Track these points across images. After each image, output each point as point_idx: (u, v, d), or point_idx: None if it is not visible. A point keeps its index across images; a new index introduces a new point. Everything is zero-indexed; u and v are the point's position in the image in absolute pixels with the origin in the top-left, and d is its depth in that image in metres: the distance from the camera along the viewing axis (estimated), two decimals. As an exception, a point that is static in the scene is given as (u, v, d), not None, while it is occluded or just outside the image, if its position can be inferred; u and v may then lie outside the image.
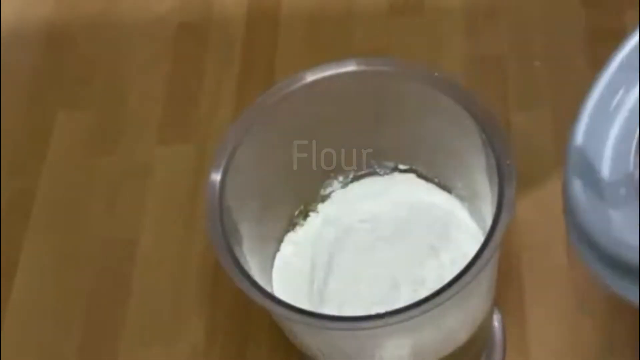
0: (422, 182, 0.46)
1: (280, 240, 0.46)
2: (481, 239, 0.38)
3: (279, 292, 0.43)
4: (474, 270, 0.36)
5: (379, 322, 0.36)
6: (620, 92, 0.32)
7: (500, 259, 0.42)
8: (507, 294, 0.51)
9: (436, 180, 0.46)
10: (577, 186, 0.31)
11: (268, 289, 0.39)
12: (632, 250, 0.28)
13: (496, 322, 0.50)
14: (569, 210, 0.31)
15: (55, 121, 0.62)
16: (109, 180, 0.59)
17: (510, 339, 0.50)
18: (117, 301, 0.54)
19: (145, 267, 0.55)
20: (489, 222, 0.38)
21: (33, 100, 0.64)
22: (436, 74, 0.42)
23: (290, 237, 0.46)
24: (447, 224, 0.45)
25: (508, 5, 0.62)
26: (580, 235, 0.30)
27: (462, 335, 0.42)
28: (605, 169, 0.31)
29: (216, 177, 0.40)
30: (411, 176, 0.47)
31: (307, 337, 0.41)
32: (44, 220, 0.58)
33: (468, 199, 0.45)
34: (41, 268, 0.56)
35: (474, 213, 0.45)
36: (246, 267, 0.39)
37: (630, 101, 0.32)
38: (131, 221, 0.57)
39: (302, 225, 0.46)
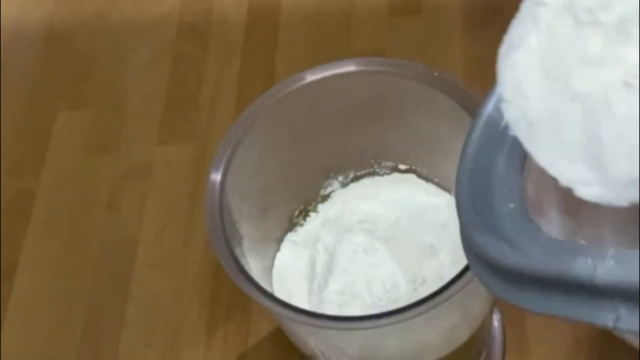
0: (422, 182, 0.46)
1: (280, 240, 0.46)
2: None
3: (279, 292, 0.43)
4: (471, 272, 0.36)
5: (378, 322, 0.36)
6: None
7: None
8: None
9: (436, 180, 0.46)
10: (467, 202, 0.31)
11: (268, 289, 0.39)
12: (525, 261, 0.28)
13: (496, 322, 0.50)
14: (460, 226, 0.31)
15: (55, 121, 0.62)
16: (109, 180, 0.59)
17: (510, 338, 0.50)
18: (117, 301, 0.54)
19: (145, 267, 0.55)
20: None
21: (33, 100, 0.64)
22: (436, 73, 0.42)
23: (290, 237, 0.46)
24: (447, 224, 0.45)
25: (508, 5, 0.62)
26: (471, 251, 0.31)
27: (462, 335, 0.42)
28: (496, 187, 0.31)
29: (216, 177, 0.40)
30: (411, 176, 0.47)
31: (307, 336, 0.41)
32: (44, 220, 0.58)
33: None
34: (41, 268, 0.56)
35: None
36: (246, 267, 0.39)
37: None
38: (131, 221, 0.57)
39: (302, 225, 0.46)
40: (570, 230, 0.31)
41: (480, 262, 0.30)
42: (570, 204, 0.30)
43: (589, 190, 0.28)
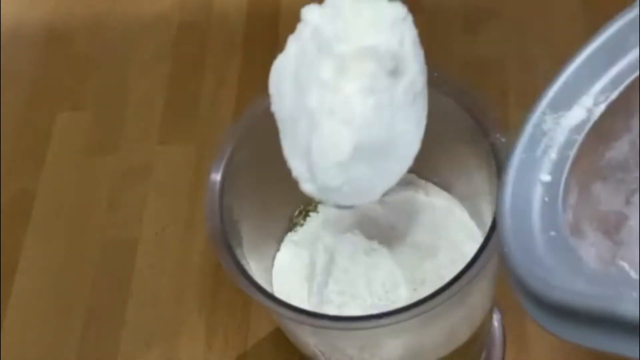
0: (422, 182, 0.46)
1: (280, 240, 0.46)
2: (480, 239, 0.38)
3: (278, 292, 0.43)
4: (473, 270, 0.36)
5: (378, 322, 0.36)
6: (545, 139, 0.33)
7: (500, 259, 0.42)
8: (507, 294, 0.50)
9: (436, 180, 0.46)
10: (509, 232, 0.32)
11: (268, 289, 0.39)
12: (568, 295, 0.28)
13: (496, 322, 0.50)
14: (503, 256, 0.32)
15: (55, 121, 0.62)
16: (109, 180, 0.59)
17: (510, 338, 0.50)
18: (117, 301, 0.54)
19: (145, 267, 0.55)
20: (488, 222, 0.38)
21: (33, 100, 0.64)
22: (436, 74, 0.42)
23: (290, 237, 0.46)
24: (447, 224, 0.45)
25: (508, 5, 0.62)
26: (516, 281, 0.31)
27: (462, 335, 0.42)
28: (536, 215, 0.32)
29: (216, 177, 0.40)
30: (411, 176, 0.47)
31: (307, 336, 0.41)
32: (44, 220, 0.58)
33: (468, 198, 0.45)
34: (41, 268, 0.56)
35: (474, 213, 0.45)
36: (246, 267, 0.39)
37: (556, 144, 0.33)
38: (131, 221, 0.57)
39: (302, 225, 0.46)
40: (610, 253, 0.32)
41: (524, 293, 0.30)
42: (609, 225, 0.31)
43: (307, 187, 0.34)
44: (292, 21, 0.66)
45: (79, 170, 0.60)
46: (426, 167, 0.46)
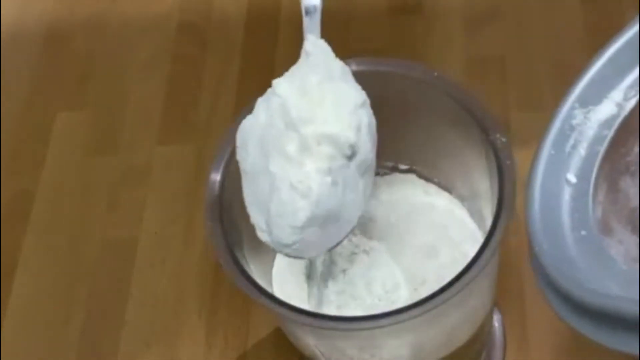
0: (421, 182, 0.46)
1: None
2: (481, 239, 0.38)
3: (278, 292, 0.43)
4: (474, 270, 0.36)
5: (378, 322, 0.36)
6: (574, 134, 0.33)
7: (500, 259, 0.42)
8: (507, 294, 0.51)
9: (436, 180, 0.46)
10: (539, 232, 0.31)
11: (268, 289, 0.39)
12: (601, 297, 0.28)
13: (496, 322, 0.50)
14: (533, 256, 0.31)
15: (54, 121, 0.62)
16: (109, 180, 0.59)
17: (510, 338, 0.50)
18: (117, 301, 0.54)
19: (145, 267, 0.55)
20: (489, 222, 0.38)
21: (33, 100, 0.64)
22: (436, 74, 0.42)
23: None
24: (447, 224, 0.45)
25: (508, 5, 0.62)
26: (546, 282, 0.31)
27: (462, 335, 0.42)
28: (566, 213, 0.31)
29: (216, 177, 0.40)
30: (411, 176, 0.47)
31: (307, 337, 0.41)
32: (43, 220, 0.58)
33: (468, 198, 0.45)
34: (41, 268, 0.56)
35: (474, 213, 0.45)
36: (246, 268, 0.39)
37: (586, 139, 0.33)
38: (131, 221, 0.57)
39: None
40: (638, 250, 0.31)
41: (555, 293, 0.30)
42: (637, 221, 0.31)
43: (262, 236, 0.37)
44: (292, 21, 0.66)
45: (79, 170, 0.60)
46: (426, 167, 0.46)
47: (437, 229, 0.44)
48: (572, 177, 0.32)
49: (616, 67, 0.33)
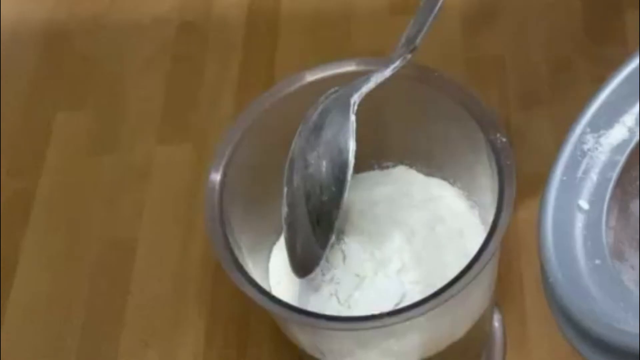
0: (422, 177, 0.46)
1: (279, 240, 0.46)
2: (482, 237, 0.38)
3: (277, 292, 0.43)
4: (474, 270, 0.36)
5: (378, 322, 0.36)
6: (585, 159, 0.33)
7: (501, 259, 0.42)
8: (507, 294, 0.51)
9: (439, 176, 0.46)
10: (553, 261, 0.31)
11: (267, 289, 0.39)
12: (616, 332, 0.28)
13: (496, 322, 0.50)
14: (547, 287, 0.31)
15: (54, 121, 0.62)
16: (108, 180, 0.59)
17: (510, 338, 0.50)
18: (117, 301, 0.54)
19: (145, 267, 0.55)
20: (489, 221, 0.38)
21: (32, 100, 0.64)
22: (436, 74, 0.42)
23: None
24: (448, 223, 0.45)
25: (508, 5, 0.62)
26: (560, 312, 0.30)
27: (460, 332, 0.42)
28: (579, 241, 0.31)
29: (216, 177, 0.40)
30: (412, 172, 0.47)
31: (306, 336, 0.41)
32: (43, 220, 0.58)
33: (469, 198, 0.45)
34: (41, 268, 0.56)
35: (475, 211, 0.45)
36: (246, 268, 0.39)
37: (597, 165, 0.33)
38: (131, 221, 0.57)
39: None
40: None
41: (569, 324, 0.30)
42: None
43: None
44: (292, 22, 0.66)
45: (79, 170, 0.60)
46: (427, 166, 0.46)
47: (437, 228, 0.44)
48: (584, 204, 0.32)
49: (628, 90, 0.33)
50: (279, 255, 0.45)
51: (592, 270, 0.30)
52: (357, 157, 0.46)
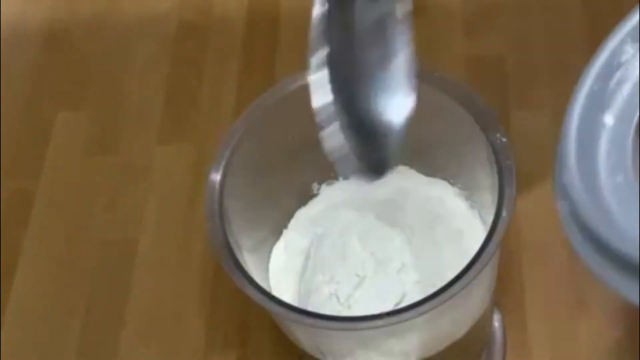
0: (422, 176, 0.46)
1: (279, 240, 0.46)
2: (482, 236, 0.38)
3: (277, 291, 0.43)
4: (474, 269, 0.36)
5: (378, 322, 0.36)
6: (620, 71, 0.31)
7: (501, 259, 0.42)
8: (507, 294, 0.51)
9: (439, 176, 0.46)
10: (573, 172, 0.29)
11: (267, 289, 0.39)
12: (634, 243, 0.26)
13: (496, 322, 0.50)
14: (563, 197, 0.29)
15: (54, 121, 0.62)
16: (108, 180, 0.59)
17: (510, 338, 0.50)
18: (117, 301, 0.54)
19: (145, 267, 0.55)
20: (489, 220, 0.38)
21: (33, 100, 0.64)
22: (436, 74, 0.42)
23: (288, 236, 0.46)
24: (447, 223, 0.45)
25: (508, 5, 0.62)
26: (577, 225, 0.29)
27: (460, 332, 0.42)
28: (602, 156, 0.30)
29: (216, 177, 0.40)
30: (412, 171, 0.47)
31: (306, 336, 0.41)
32: (43, 220, 0.58)
33: (469, 197, 0.45)
34: (41, 268, 0.56)
35: (475, 211, 0.45)
36: (246, 268, 0.39)
37: (632, 79, 0.31)
38: (131, 221, 0.57)
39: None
40: None
41: (583, 234, 0.28)
42: None
43: None
44: (292, 22, 0.66)
45: (79, 170, 0.60)
46: (427, 166, 0.46)
47: (437, 227, 0.44)
48: (610, 119, 0.30)
49: None
50: (279, 255, 0.45)
51: (614, 187, 0.28)
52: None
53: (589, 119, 0.30)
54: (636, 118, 0.30)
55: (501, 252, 0.40)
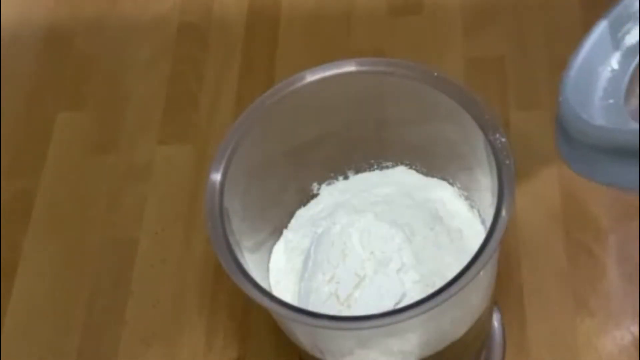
0: (420, 176, 0.46)
1: (279, 240, 0.46)
2: (482, 236, 0.38)
3: (277, 291, 0.43)
4: (474, 269, 0.36)
5: (378, 322, 0.36)
6: (630, 22, 0.34)
7: (500, 259, 0.42)
8: (507, 294, 0.51)
9: (438, 176, 0.46)
10: (571, 86, 0.33)
11: (267, 289, 0.39)
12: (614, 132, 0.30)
13: (496, 322, 0.50)
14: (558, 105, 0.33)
15: (55, 121, 0.62)
16: (109, 180, 0.59)
17: (510, 338, 0.50)
18: (118, 301, 0.54)
19: (146, 267, 0.55)
20: (489, 220, 0.38)
21: (33, 100, 0.64)
22: (436, 74, 0.42)
23: (288, 236, 0.46)
24: (447, 223, 0.45)
25: (508, 5, 0.63)
26: (559, 124, 0.32)
27: (459, 331, 0.42)
28: (601, 83, 0.32)
29: (216, 177, 0.40)
30: (411, 172, 0.47)
31: (306, 336, 0.41)
32: (44, 220, 0.58)
33: (469, 197, 0.45)
34: (41, 268, 0.56)
35: (475, 211, 0.45)
36: (246, 267, 0.39)
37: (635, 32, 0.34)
38: (131, 221, 0.57)
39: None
40: None
41: (562, 131, 0.31)
42: None
43: None
44: (292, 21, 0.66)
45: (79, 170, 0.60)
46: (427, 166, 0.46)
47: (438, 227, 0.44)
48: (615, 63, 0.33)
49: None
50: (279, 255, 0.45)
51: (603, 106, 0.32)
52: (357, 157, 0.46)
53: (596, 57, 0.34)
54: (636, 61, 0.32)
55: (500, 251, 0.40)
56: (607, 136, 0.30)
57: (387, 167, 0.47)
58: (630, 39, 0.34)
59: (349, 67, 0.42)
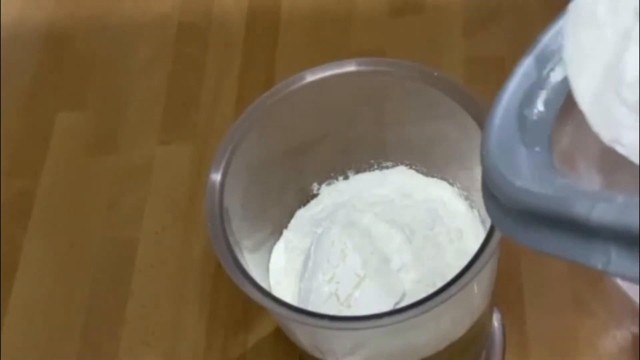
0: (421, 176, 0.46)
1: (279, 240, 0.46)
2: (482, 236, 0.38)
3: (277, 291, 0.43)
4: (473, 269, 0.36)
5: (378, 322, 0.36)
6: (554, 59, 0.33)
7: (500, 259, 0.42)
8: (507, 294, 0.51)
9: (438, 176, 0.46)
10: (494, 139, 0.31)
11: (267, 289, 0.39)
12: (533, 196, 0.27)
13: (496, 322, 0.50)
14: (482, 160, 0.31)
15: (55, 121, 0.62)
16: (109, 180, 0.59)
17: (509, 338, 0.50)
18: (118, 301, 0.54)
19: (146, 267, 0.55)
20: (489, 220, 0.38)
21: (33, 100, 0.64)
22: (436, 74, 0.42)
23: (288, 236, 0.46)
24: (447, 223, 0.45)
25: (508, 5, 0.63)
26: (486, 186, 0.30)
27: (459, 331, 0.42)
28: (526, 127, 0.31)
29: (216, 177, 0.40)
30: (411, 172, 0.47)
31: (306, 336, 0.42)
32: (44, 220, 0.58)
33: (468, 197, 0.45)
34: (41, 268, 0.56)
35: (475, 211, 0.45)
36: (246, 267, 0.39)
37: (562, 68, 0.32)
38: (131, 221, 0.57)
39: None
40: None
41: (489, 194, 0.29)
42: (608, 163, 0.30)
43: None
44: (292, 21, 0.66)
45: (79, 170, 0.60)
46: (427, 166, 0.46)
47: (437, 227, 0.44)
48: (540, 104, 0.31)
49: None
50: (279, 255, 0.45)
51: (529, 155, 0.30)
52: (358, 157, 0.46)
53: (517, 102, 0.32)
54: (562, 103, 0.31)
55: (500, 251, 0.40)
56: (526, 200, 0.27)
57: (387, 167, 0.47)
58: (556, 76, 0.32)
59: (349, 67, 0.42)
